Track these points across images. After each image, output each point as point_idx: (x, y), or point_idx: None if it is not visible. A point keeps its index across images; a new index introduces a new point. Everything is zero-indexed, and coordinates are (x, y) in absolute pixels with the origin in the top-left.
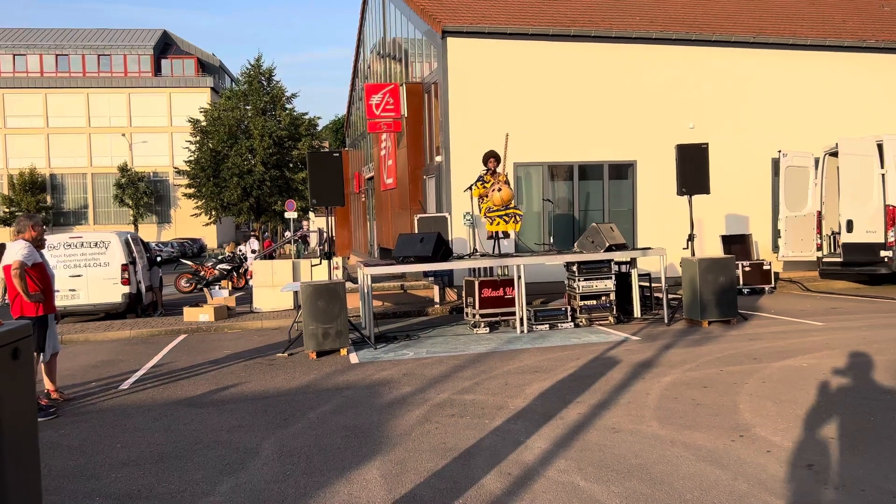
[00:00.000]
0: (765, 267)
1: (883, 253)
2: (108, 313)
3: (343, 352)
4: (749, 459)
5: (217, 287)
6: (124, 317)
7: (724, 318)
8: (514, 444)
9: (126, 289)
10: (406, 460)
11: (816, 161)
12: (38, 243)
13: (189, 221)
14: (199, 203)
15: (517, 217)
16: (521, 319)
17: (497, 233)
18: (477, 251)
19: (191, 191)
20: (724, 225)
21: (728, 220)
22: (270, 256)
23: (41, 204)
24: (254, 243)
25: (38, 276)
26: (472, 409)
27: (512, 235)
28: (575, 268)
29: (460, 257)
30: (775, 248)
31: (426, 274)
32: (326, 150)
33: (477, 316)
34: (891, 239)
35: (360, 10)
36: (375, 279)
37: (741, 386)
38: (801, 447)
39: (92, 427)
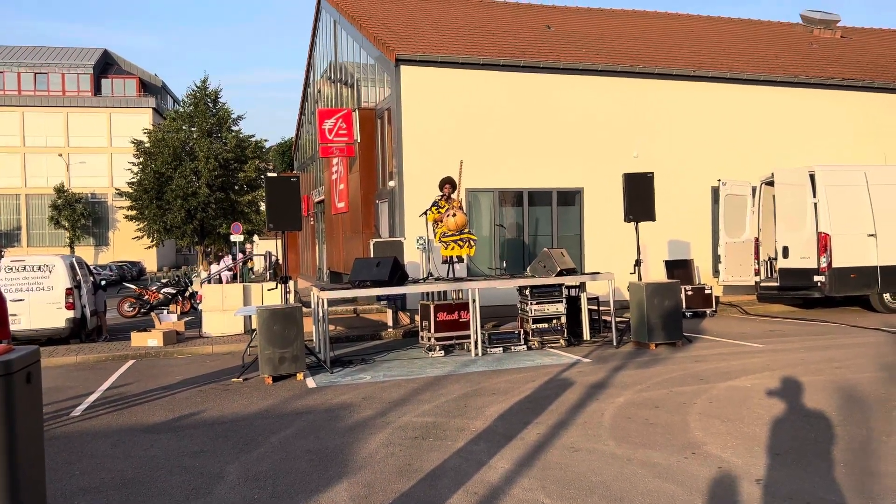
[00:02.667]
0: (706, 291)
1: (816, 278)
2: (50, 339)
3: (300, 376)
4: (702, 475)
5: (165, 311)
6: (67, 342)
7: (670, 341)
8: (478, 465)
9: (70, 313)
10: (373, 482)
11: (754, 189)
12: None
13: (127, 244)
14: (142, 225)
15: (471, 242)
16: (476, 343)
17: (451, 257)
18: (432, 275)
19: (133, 213)
20: (667, 250)
21: (671, 246)
22: (236, 277)
23: None
24: (228, 260)
25: None
26: (434, 432)
27: (465, 260)
28: (528, 292)
29: (415, 281)
30: (716, 272)
31: (379, 298)
32: (272, 172)
33: (432, 339)
34: (823, 265)
35: (311, 34)
36: (333, 302)
37: (690, 406)
38: (749, 463)
39: (47, 454)
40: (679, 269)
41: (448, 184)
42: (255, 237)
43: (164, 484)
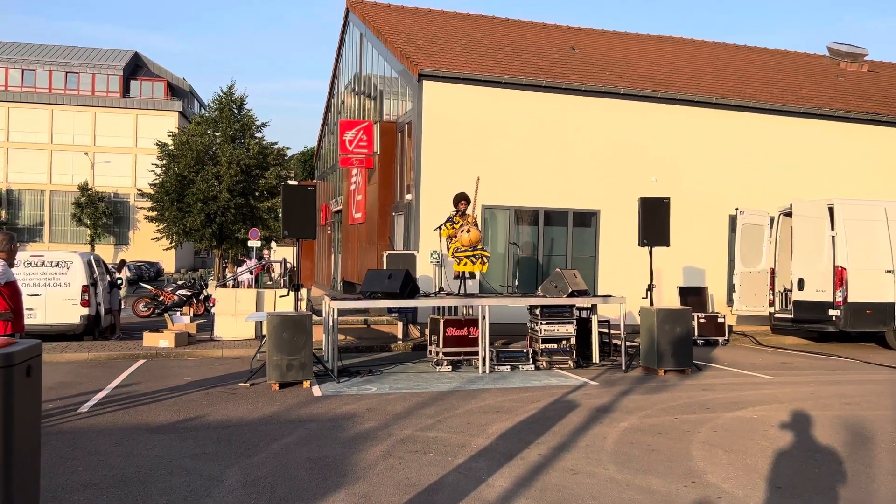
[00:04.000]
0: (719, 319)
1: (831, 312)
2: (64, 334)
3: (306, 384)
4: None
5: (178, 313)
6: (81, 339)
7: (679, 368)
8: (476, 482)
9: (85, 310)
10: (370, 494)
11: (772, 220)
12: (10, 261)
13: (147, 244)
14: (161, 227)
15: (484, 258)
16: (484, 359)
17: (463, 273)
18: (443, 290)
19: (153, 214)
20: (681, 276)
21: (686, 272)
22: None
23: None
24: (251, 263)
25: (9, 294)
26: (435, 446)
27: (477, 276)
28: (538, 311)
29: (426, 295)
30: (730, 301)
31: (390, 310)
32: (293, 180)
33: (440, 354)
34: (839, 298)
35: (337, 46)
36: (344, 312)
37: (694, 434)
38: (749, 495)
39: (51, 449)
40: (693, 295)
41: (463, 200)
42: (273, 244)
43: (164, 484)
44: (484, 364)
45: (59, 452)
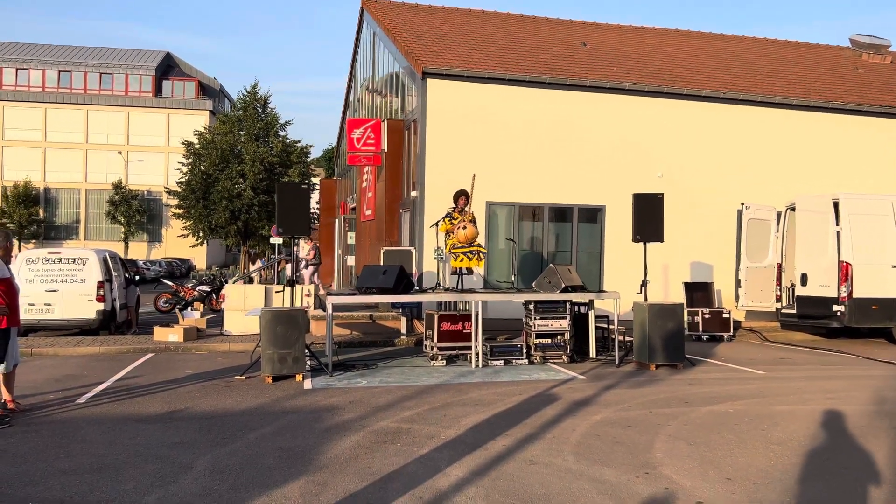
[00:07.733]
0: (724, 315)
1: (835, 307)
2: (81, 329)
3: (299, 377)
4: (645, 494)
5: (189, 308)
6: (97, 333)
7: (671, 363)
8: (433, 471)
9: (101, 306)
10: (329, 481)
11: (778, 215)
12: (6, 258)
13: (179, 241)
14: (188, 224)
15: (480, 255)
16: (477, 354)
17: (461, 268)
18: (440, 285)
19: (180, 211)
20: (689, 272)
21: (693, 268)
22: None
23: (33, 217)
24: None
25: (4, 290)
26: (404, 437)
27: (478, 272)
28: (532, 306)
29: (423, 290)
30: (737, 297)
31: (394, 305)
32: (318, 177)
33: (435, 349)
34: (843, 294)
35: (353, 46)
36: (347, 308)
37: (663, 427)
38: (697, 486)
39: (41, 437)
40: (699, 291)
41: (462, 196)
42: (301, 241)
43: (136, 471)
44: (477, 358)
45: (47, 440)
